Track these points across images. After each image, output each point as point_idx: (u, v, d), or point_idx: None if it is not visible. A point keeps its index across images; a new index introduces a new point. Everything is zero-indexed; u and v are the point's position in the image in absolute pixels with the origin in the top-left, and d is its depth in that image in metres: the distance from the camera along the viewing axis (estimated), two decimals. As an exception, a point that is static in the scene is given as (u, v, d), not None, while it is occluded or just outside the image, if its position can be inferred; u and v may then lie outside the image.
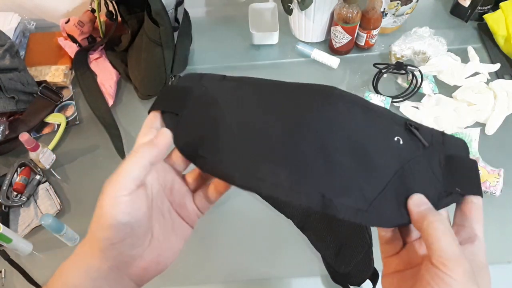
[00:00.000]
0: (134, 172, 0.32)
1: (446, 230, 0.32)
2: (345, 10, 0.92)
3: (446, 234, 0.31)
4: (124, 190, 0.31)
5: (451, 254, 0.30)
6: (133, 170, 0.32)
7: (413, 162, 0.36)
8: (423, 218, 0.33)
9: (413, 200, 0.34)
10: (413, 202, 0.34)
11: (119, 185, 0.31)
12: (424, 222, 0.32)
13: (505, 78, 0.93)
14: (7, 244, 0.73)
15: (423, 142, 0.37)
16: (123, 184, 0.31)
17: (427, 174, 0.36)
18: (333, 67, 1.00)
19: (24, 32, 1.08)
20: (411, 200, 0.34)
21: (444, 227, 0.32)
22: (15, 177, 0.84)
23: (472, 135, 0.85)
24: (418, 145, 0.37)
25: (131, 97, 0.99)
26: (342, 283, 0.69)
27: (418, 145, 0.37)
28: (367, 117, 0.37)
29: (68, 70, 1.01)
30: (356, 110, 0.37)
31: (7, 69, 0.89)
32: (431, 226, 0.32)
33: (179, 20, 0.92)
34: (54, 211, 0.82)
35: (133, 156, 0.32)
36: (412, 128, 0.37)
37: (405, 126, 0.38)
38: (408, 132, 0.37)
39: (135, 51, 0.95)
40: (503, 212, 0.79)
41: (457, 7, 1.06)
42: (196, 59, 1.05)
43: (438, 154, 0.37)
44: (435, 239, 0.31)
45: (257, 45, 1.05)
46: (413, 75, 0.92)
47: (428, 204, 0.34)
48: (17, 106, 0.90)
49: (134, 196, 0.31)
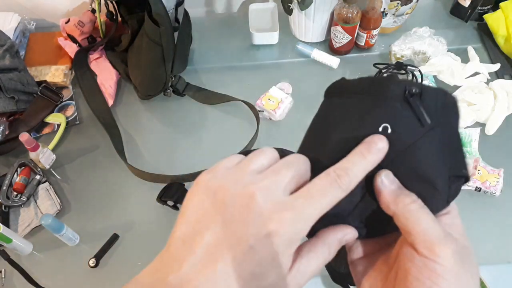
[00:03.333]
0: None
1: (424, 210, 0.28)
2: (345, 10, 0.92)
3: (426, 214, 0.28)
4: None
5: (436, 236, 0.27)
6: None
7: (402, 155, 0.29)
8: (396, 199, 0.28)
9: (382, 178, 0.29)
10: (382, 181, 0.29)
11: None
12: (399, 205, 0.28)
13: (505, 78, 0.93)
14: (7, 244, 0.73)
15: (422, 122, 0.29)
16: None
17: (431, 159, 0.29)
18: (333, 67, 1.00)
19: (24, 32, 1.08)
20: (379, 177, 0.29)
21: (421, 207, 0.28)
22: (15, 177, 0.84)
23: (472, 135, 0.85)
24: (417, 124, 0.29)
25: (131, 97, 0.99)
26: (342, 283, 0.69)
27: (416, 124, 0.29)
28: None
29: (68, 70, 1.01)
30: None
31: (7, 69, 0.89)
32: (408, 208, 0.28)
33: (179, 20, 0.92)
34: (54, 211, 0.82)
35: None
36: (412, 100, 0.29)
37: (404, 98, 0.29)
38: (408, 106, 0.29)
39: (135, 51, 0.95)
40: (503, 212, 0.79)
41: (457, 7, 1.06)
42: (196, 59, 1.05)
43: (442, 128, 0.30)
44: (416, 223, 0.27)
45: (257, 45, 1.05)
46: (413, 75, 0.92)
47: (397, 182, 0.29)
48: (17, 106, 0.90)
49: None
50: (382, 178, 0.29)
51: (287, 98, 0.92)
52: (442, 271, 0.26)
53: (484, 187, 0.78)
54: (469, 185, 0.79)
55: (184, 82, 0.98)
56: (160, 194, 0.79)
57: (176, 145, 0.92)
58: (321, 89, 0.35)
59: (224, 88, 0.97)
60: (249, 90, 0.96)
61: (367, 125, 0.29)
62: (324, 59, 1.00)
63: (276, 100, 0.91)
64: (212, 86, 0.98)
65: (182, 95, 0.98)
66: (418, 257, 0.27)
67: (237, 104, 0.94)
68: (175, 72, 0.95)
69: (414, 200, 0.28)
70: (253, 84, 0.98)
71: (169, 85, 0.96)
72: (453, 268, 0.26)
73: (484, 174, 0.79)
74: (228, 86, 0.98)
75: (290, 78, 0.98)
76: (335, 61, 0.99)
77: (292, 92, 0.95)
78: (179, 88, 0.96)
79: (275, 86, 0.94)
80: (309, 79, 0.99)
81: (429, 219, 0.28)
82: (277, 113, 0.90)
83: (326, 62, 1.00)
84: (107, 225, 0.81)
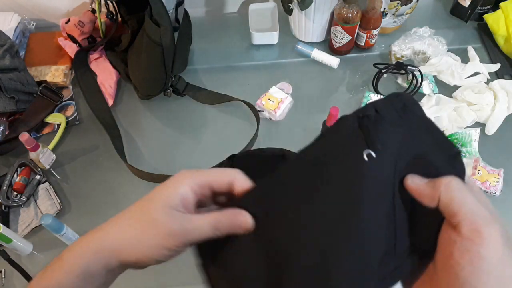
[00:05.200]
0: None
1: (466, 188, 0.27)
2: (345, 10, 0.92)
3: (469, 193, 0.26)
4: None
5: (482, 217, 0.25)
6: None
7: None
8: (435, 184, 0.27)
9: (412, 179, 0.29)
10: (413, 181, 0.29)
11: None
12: (441, 187, 0.27)
13: (505, 78, 0.93)
14: (7, 244, 0.73)
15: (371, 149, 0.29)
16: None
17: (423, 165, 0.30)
18: (333, 67, 1.00)
19: (24, 32, 1.08)
20: (409, 180, 0.29)
21: (463, 186, 0.27)
22: (15, 177, 0.84)
23: (472, 135, 0.85)
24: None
25: (131, 97, 0.99)
26: None
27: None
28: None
29: (68, 70, 1.01)
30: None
31: (7, 69, 0.89)
32: (450, 186, 0.27)
33: (179, 20, 0.92)
34: (54, 211, 0.82)
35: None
36: (364, 127, 0.30)
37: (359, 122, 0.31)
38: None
39: (135, 51, 0.95)
40: (503, 212, 0.79)
41: (457, 7, 1.06)
42: (196, 59, 1.05)
43: (412, 124, 0.31)
44: (461, 203, 0.26)
45: (257, 45, 1.05)
46: (413, 75, 0.92)
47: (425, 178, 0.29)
48: (17, 106, 0.90)
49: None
50: (411, 179, 0.29)
51: (287, 98, 0.92)
52: (486, 254, 0.25)
53: (484, 187, 0.78)
54: (469, 185, 0.79)
55: (184, 82, 0.98)
56: (160, 194, 0.79)
57: (176, 145, 0.92)
58: (321, 89, 0.35)
59: (224, 88, 0.97)
60: (249, 90, 0.96)
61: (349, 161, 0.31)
62: (324, 59, 1.00)
63: (276, 100, 0.91)
64: (212, 86, 0.98)
65: (182, 95, 0.98)
66: (460, 241, 0.26)
67: (237, 104, 0.94)
68: (175, 72, 0.95)
69: (451, 178, 0.28)
70: (253, 84, 0.98)
71: (169, 85, 0.96)
72: (497, 251, 0.25)
73: (484, 174, 0.79)
74: (228, 86, 0.98)
75: (290, 78, 0.98)
76: (335, 61, 0.99)
77: (292, 92, 0.95)
78: (179, 88, 0.96)
79: (275, 86, 0.94)
80: (309, 79, 0.99)
81: (474, 198, 0.27)
82: (277, 113, 0.90)
83: (326, 62, 1.00)
84: (107, 225, 0.81)
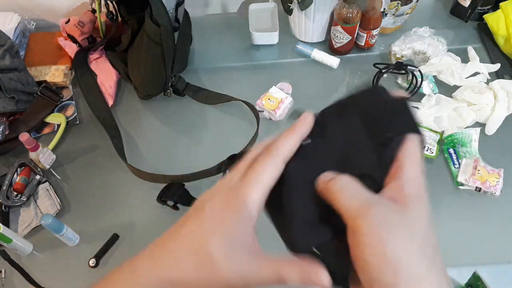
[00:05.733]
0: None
1: (349, 182, 0.29)
2: (345, 10, 0.92)
3: (349, 186, 0.29)
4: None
5: (355, 209, 0.27)
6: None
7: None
8: (321, 184, 0.31)
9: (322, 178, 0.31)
10: (320, 177, 0.31)
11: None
12: (320, 186, 0.31)
13: (505, 78, 0.93)
14: (7, 244, 0.73)
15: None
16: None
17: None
18: (333, 67, 1.00)
19: (24, 32, 1.08)
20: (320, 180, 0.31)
21: (345, 181, 0.29)
22: (15, 177, 0.84)
23: (472, 135, 0.85)
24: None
25: (131, 97, 0.99)
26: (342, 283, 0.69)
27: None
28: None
29: (68, 70, 1.01)
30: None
31: (7, 69, 0.89)
32: (330, 186, 0.29)
33: (179, 20, 0.92)
34: (54, 211, 0.82)
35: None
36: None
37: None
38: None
39: (135, 51, 0.95)
40: (503, 212, 0.79)
41: (457, 7, 1.06)
42: (196, 59, 1.05)
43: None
44: (338, 197, 0.29)
45: (257, 45, 1.05)
46: (413, 75, 0.92)
47: (332, 174, 0.31)
48: (17, 106, 0.90)
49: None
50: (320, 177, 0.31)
51: (287, 98, 0.92)
52: (367, 241, 0.26)
53: (484, 187, 0.78)
54: (469, 185, 0.79)
55: (184, 82, 0.98)
56: (160, 194, 0.79)
57: (176, 145, 0.92)
58: (321, 89, 0.35)
59: (224, 88, 0.97)
60: (249, 90, 0.96)
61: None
62: (324, 59, 1.00)
63: (276, 100, 0.91)
64: (212, 86, 0.98)
65: (182, 95, 0.98)
66: (351, 233, 0.28)
67: (237, 104, 0.94)
68: (175, 72, 0.95)
69: (340, 177, 0.30)
70: (253, 84, 0.98)
71: (169, 85, 0.96)
72: (375, 235, 0.26)
73: (484, 174, 0.79)
74: (228, 86, 0.98)
75: (290, 78, 0.98)
76: (335, 61, 0.99)
77: (292, 92, 0.95)
78: (179, 88, 0.96)
79: (275, 86, 0.94)
80: (309, 79, 0.99)
81: (353, 189, 0.29)
82: (277, 113, 0.90)
83: (326, 62, 1.00)
84: (107, 225, 0.81)
